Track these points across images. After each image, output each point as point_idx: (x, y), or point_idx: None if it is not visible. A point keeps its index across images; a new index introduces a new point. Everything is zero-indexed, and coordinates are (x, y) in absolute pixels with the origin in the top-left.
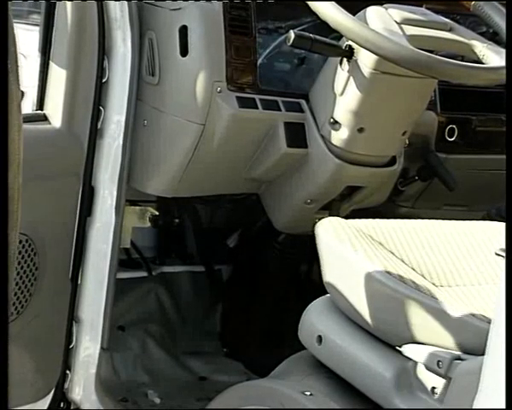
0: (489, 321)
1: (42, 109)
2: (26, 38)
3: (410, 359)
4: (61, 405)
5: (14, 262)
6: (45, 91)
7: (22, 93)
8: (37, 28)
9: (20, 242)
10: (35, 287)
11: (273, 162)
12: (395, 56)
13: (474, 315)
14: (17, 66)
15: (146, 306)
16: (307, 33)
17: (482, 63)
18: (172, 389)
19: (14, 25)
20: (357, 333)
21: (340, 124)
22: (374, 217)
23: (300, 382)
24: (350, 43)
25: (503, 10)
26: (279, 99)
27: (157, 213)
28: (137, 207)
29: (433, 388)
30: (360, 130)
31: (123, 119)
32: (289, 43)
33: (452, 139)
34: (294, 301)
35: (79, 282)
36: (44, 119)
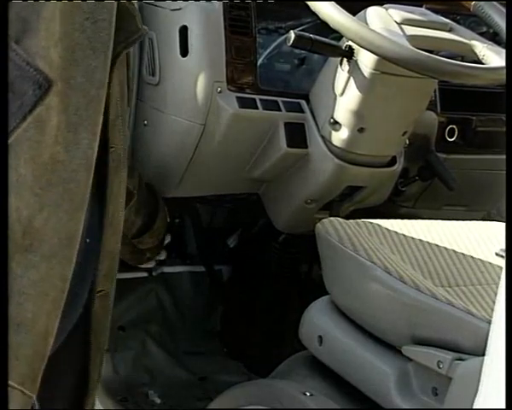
0: (489, 321)
1: None
2: None
3: (411, 359)
4: None
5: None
6: None
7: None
8: None
9: None
10: None
11: (273, 162)
12: (395, 56)
13: (474, 315)
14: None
15: (146, 306)
16: (307, 34)
17: (482, 63)
18: (172, 389)
19: None
20: (357, 333)
21: (340, 124)
22: (374, 217)
23: (301, 382)
24: (350, 43)
25: (503, 10)
26: (279, 99)
27: None
28: None
29: (434, 388)
30: (360, 130)
31: None
32: (289, 44)
33: (452, 139)
34: (295, 301)
35: None
36: None
